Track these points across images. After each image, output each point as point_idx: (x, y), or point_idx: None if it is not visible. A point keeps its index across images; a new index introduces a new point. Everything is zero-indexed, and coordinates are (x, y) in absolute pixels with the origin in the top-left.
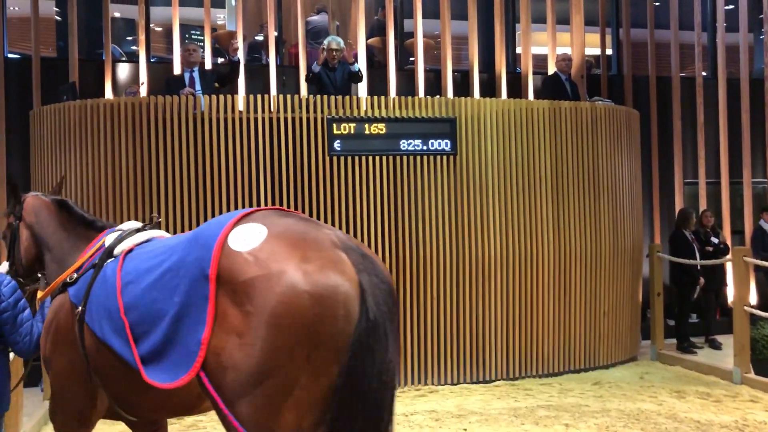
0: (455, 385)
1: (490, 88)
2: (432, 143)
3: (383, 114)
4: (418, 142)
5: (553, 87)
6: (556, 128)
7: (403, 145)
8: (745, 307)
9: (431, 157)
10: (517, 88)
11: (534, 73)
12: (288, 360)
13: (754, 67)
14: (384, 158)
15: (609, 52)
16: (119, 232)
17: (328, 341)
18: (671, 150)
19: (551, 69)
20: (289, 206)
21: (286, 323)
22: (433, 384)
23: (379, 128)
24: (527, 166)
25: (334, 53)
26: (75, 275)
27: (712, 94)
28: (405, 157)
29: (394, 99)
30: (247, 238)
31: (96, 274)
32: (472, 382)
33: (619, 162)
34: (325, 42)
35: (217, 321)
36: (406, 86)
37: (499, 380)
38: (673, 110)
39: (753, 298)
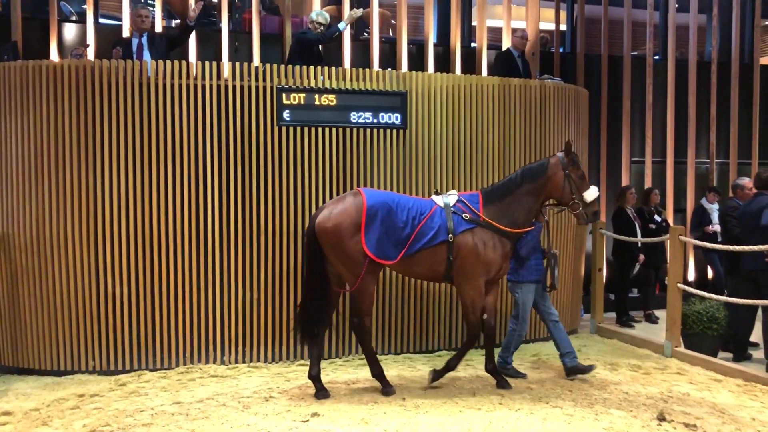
0: (398, 354)
1: (444, 62)
2: (382, 116)
3: (334, 85)
4: (368, 114)
5: (505, 63)
6: (505, 105)
7: (354, 117)
8: (678, 284)
9: (381, 131)
10: (471, 63)
11: (489, 48)
12: None
13: (705, 49)
14: (334, 130)
15: (563, 28)
16: None
17: None
18: (620, 129)
19: (506, 44)
20: (235, 175)
21: None
22: (377, 353)
23: (330, 99)
24: (476, 141)
25: (317, 25)
26: None
27: (661, 74)
28: (355, 130)
29: (345, 70)
30: None
31: None
32: (416, 352)
33: (566, 139)
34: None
35: None
36: (361, 57)
37: (441, 350)
38: (624, 89)
39: (692, 274)
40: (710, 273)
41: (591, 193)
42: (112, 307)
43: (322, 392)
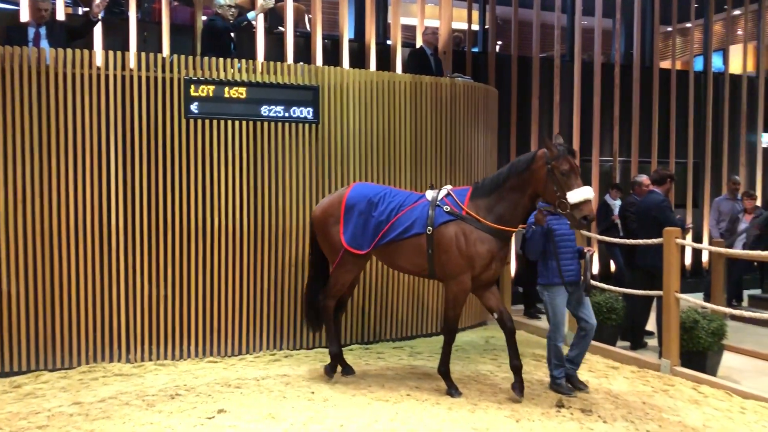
0: (311, 349)
1: (359, 58)
2: (294, 111)
3: (245, 78)
4: (279, 108)
5: (418, 61)
6: (417, 102)
7: (265, 111)
8: None
9: (293, 125)
10: (386, 60)
11: (404, 46)
12: None
13: (610, 52)
14: (244, 123)
15: (476, 28)
16: None
17: None
18: (529, 127)
19: (420, 42)
20: (140, 169)
21: None
22: (288, 349)
23: (240, 92)
24: (389, 138)
25: (226, 9)
26: None
27: (568, 75)
28: (266, 124)
29: (255, 63)
30: None
31: None
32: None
33: (475, 137)
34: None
35: None
36: (275, 51)
37: (354, 344)
38: (533, 89)
39: (596, 268)
40: (613, 266)
41: (576, 194)
42: (7, 304)
43: (346, 369)
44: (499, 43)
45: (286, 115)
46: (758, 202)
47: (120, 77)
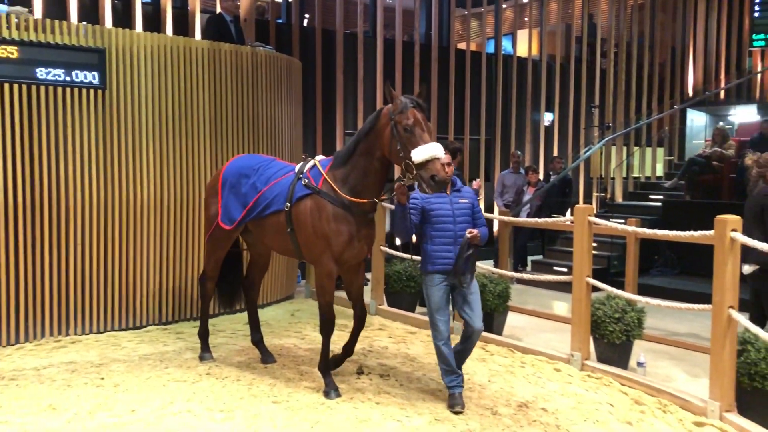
0: (101, 333)
1: (155, 22)
2: (77, 74)
3: (16, 36)
4: (59, 71)
5: (217, 27)
6: (216, 71)
7: (41, 73)
8: (381, 247)
9: (76, 90)
10: (185, 25)
11: (203, 12)
12: None
13: (412, 31)
14: (16, 87)
15: None
16: None
17: None
18: (334, 101)
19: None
20: None
21: None
22: (75, 334)
23: (10, 51)
24: (186, 107)
25: None
26: None
27: (371, 52)
28: (43, 88)
29: (30, 19)
30: None
31: None
32: (121, 329)
33: (279, 108)
34: None
35: None
36: (57, 9)
37: (151, 326)
38: (337, 63)
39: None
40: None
41: (421, 152)
42: None
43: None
44: (307, 16)
45: (68, 79)
46: (541, 176)
47: None
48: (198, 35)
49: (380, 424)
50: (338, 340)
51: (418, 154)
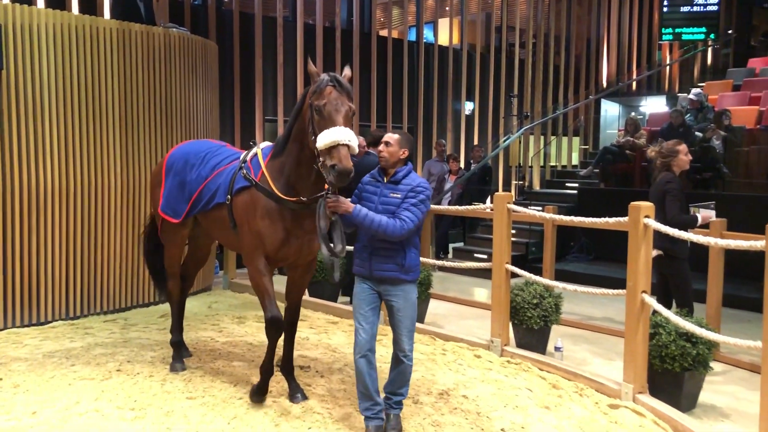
0: (1, 330)
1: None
2: None
3: None
4: None
5: (125, 6)
6: (126, 51)
7: None
8: None
9: None
10: (91, 3)
11: None
12: None
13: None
14: None
15: None
16: None
17: None
18: (253, 86)
19: None
20: None
21: None
22: None
23: None
24: (93, 89)
25: None
26: None
27: (291, 36)
28: None
29: None
30: None
31: None
32: (24, 326)
33: (194, 92)
34: None
35: None
36: None
37: (56, 321)
38: (255, 48)
39: None
40: None
41: (323, 137)
42: None
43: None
44: None
45: None
46: (462, 164)
47: None
48: (107, 14)
49: (301, 418)
50: (255, 332)
51: (321, 139)
